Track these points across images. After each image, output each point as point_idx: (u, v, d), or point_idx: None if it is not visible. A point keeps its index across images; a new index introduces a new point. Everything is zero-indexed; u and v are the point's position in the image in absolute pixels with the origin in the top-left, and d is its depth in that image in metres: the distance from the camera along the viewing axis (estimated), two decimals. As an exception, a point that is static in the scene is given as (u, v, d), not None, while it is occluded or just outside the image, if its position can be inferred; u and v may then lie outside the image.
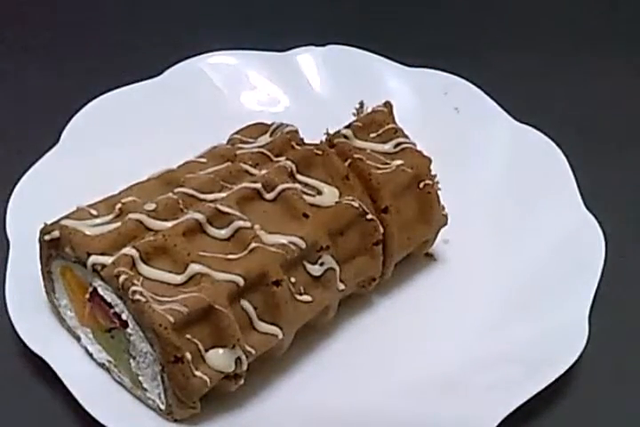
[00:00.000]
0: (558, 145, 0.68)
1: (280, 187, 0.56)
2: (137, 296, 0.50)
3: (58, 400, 0.55)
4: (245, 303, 0.53)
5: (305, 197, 0.56)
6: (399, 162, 0.59)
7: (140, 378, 0.53)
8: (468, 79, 0.73)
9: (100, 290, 0.52)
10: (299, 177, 0.57)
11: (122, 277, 0.50)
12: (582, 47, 0.83)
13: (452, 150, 0.68)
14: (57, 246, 0.54)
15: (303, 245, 0.54)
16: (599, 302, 0.59)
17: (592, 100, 0.78)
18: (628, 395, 0.58)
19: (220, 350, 0.52)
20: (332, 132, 0.60)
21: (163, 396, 0.53)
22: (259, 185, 0.56)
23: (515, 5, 0.88)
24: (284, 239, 0.54)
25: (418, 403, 0.55)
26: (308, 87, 0.75)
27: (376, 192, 0.58)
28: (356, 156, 0.58)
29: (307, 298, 0.55)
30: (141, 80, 0.73)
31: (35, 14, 0.84)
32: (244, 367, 0.53)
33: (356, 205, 0.57)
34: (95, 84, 0.72)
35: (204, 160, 0.59)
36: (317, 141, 0.60)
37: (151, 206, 0.54)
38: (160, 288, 0.51)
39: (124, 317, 0.52)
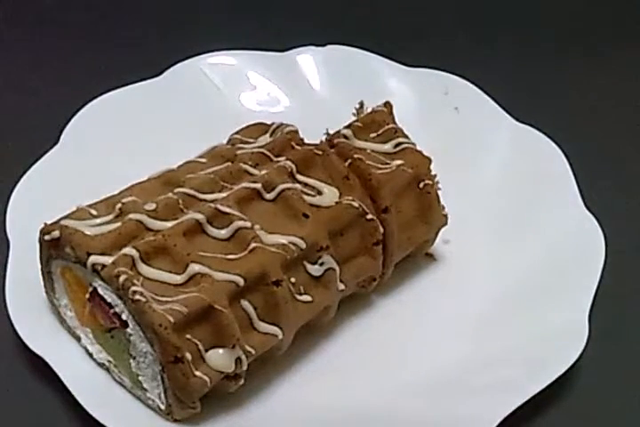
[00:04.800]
0: (558, 145, 0.68)
1: (280, 187, 0.56)
2: (137, 296, 0.50)
3: (58, 400, 0.55)
4: (245, 303, 0.53)
5: (305, 197, 0.56)
6: (399, 162, 0.59)
7: (140, 378, 0.53)
8: (468, 79, 0.73)
9: (100, 290, 0.52)
10: (299, 177, 0.57)
11: (122, 278, 0.50)
12: (582, 47, 0.83)
13: (452, 150, 0.68)
14: (57, 246, 0.54)
15: (303, 245, 0.54)
16: (599, 302, 0.59)
17: (592, 100, 0.78)
18: (627, 395, 0.58)
19: (220, 350, 0.52)
20: (331, 132, 0.60)
21: (163, 396, 0.53)
22: (259, 185, 0.56)
23: (515, 5, 0.88)
24: (283, 239, 0.54)
25: (418, 403, 0.55)
26: (308, 87, 0.75)
27: (376, 192, 0.58)
28: (356, 156, 0.58)
29: (307, 298, 0.55)
30: (141, 80, 0.73)
31: (34, 14, 0.84)
32: (244, 367, 0.53)
33: (355, 205, 0.57)
34: (95, 84, 0.72)
35: (203, 160, 0.59)
36: (317, 141, 0.60)
37: (151, 206, 0.54)
38: (160, 288, 0.51)
39: (124, 317, 0.52)
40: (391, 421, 0.54)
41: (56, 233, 0.53)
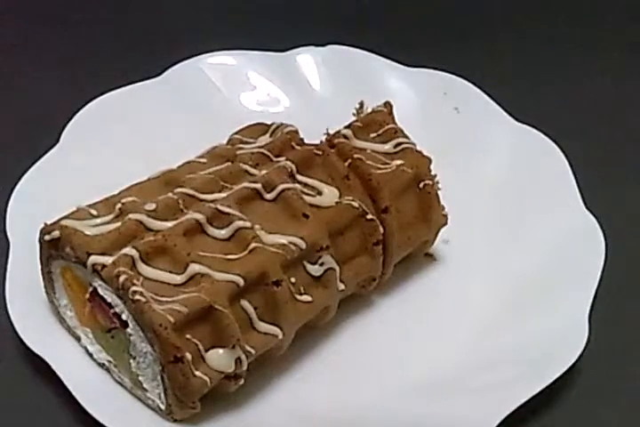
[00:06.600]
0: (558, 145, 0.68)
1: (280, 187, 0.56)
2: (137, 296, 0.50)
3: (58, 400, 0.55)
4: (245, 303, 0.53)
5: (305, 197, 0.56)
6: (399, 162, 0.59)
7: (140, 378, 0.53)
8: (468, 79, 0.73)
9: (100, 290, 0.52)
10: (299, 177, 0.57)
11: (122, 278, 0.50)
12: (582, 47, 0.83)
13: (452, 150, 0.68)
14: (57, 246, 0.54)
15: (303, 245, 0.54)
16: (599, 302, 0.59)
17: (592, 100, 0.78)
18: (627, 395, 0.58)
19: (220, 350, 0.52)
20: (331, 132, 0.60)
21: (163, 396, 0.53)
22: (259, 185, 0.56)
23: (515, 6, 0.88)
24: (283, 239, 0.54)
25: (418, 403, 0.55)
26: (308, 87, 0.75)
27: (376, 192, 0.58)
28: (356, 156, 0.58)
29: (307, 298, 0.55)
30: (141, 80, 0.73)
31: (35, 14, 0.84)
32: (244, 367, 0.53)
33: (356, 205, 0.57)
34: (95, 84, 0.72)
35: (204, 160, 0.59)
36: (317, 141, 0.60)
37: (151, 206, 0.54)
38: (160, 288, 0.51)
39: (124, 317, 0.52)
40: (391, 421, 0.54)
41: (56, 233, 0.53)
